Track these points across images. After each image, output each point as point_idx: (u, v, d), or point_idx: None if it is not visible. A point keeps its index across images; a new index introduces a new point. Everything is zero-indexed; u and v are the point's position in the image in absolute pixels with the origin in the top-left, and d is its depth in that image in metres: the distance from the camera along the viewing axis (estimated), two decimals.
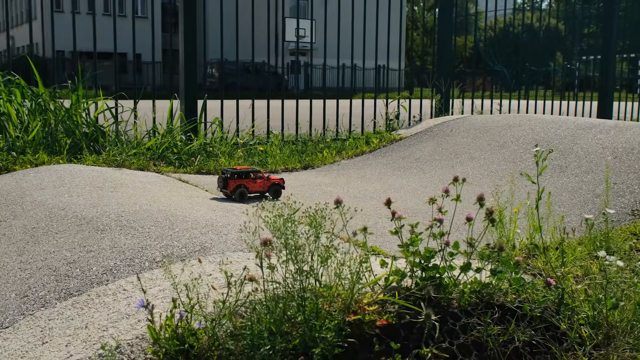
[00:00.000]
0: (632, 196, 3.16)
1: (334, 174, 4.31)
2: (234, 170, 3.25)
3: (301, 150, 5.15)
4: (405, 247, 1.90)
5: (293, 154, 4.98)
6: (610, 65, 7.83)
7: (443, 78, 6.26)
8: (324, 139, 5.48)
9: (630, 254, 2.55)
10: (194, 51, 5.20)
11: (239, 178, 3.25)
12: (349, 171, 4.38)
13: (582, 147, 3.92)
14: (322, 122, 5.87)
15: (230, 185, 3.22)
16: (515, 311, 1.88)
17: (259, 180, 3.31)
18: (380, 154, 4.80)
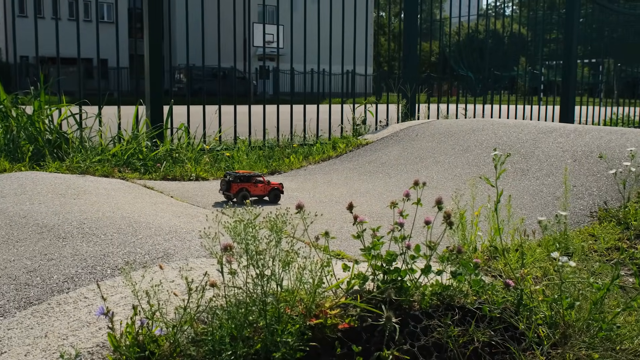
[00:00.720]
0: (590, 198, 3.24)
1: (301, 179, 4.32)
2: (237, 174, 3.37)
3: (268, 156, 5.15)
4: (367, 251, 1.92)
5: (260, 160, 4.99)
6: (572, 70, 8.00)
7: (409, 83, 6.33)
8: (291, 144, 5.49)
9: (588, 255, 2.62)
10: (159, 56, 5.17)
11: (242, 182, 3.37)
12: (315, 176, 4.40)
13: (544, 150, 4.00)
14: (290, 128, 5.88)
15: (234, 188, 3.34)
16: (475, 312, 1.92)
17: (259, 184, 3.43)
18: (346, 158, 4.83)
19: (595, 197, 3.23)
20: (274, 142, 5.64)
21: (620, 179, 3.14)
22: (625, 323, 2.03)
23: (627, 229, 2.84)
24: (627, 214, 2.92)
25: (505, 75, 12.74)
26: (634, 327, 2.00)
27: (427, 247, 1.91)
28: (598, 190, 3.29)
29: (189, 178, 4.30)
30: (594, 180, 3.39)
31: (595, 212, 3.08)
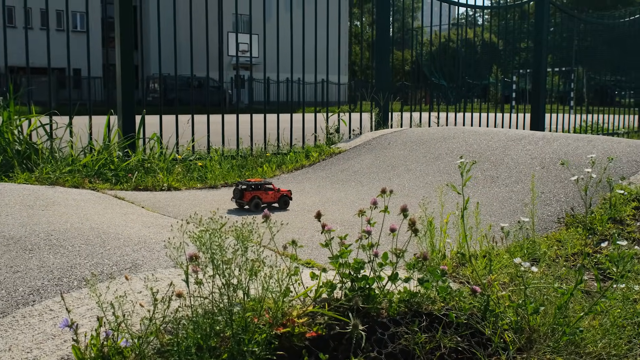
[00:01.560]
0: (558, 204, 3.29)
1: None
2: (249, 183, 3.53)
3: (241, 165, 5.15)
4: (335, 259, 1.94)
5: (233, 169, 4.98)
6: (542, 79, 8.14)
7: (381, 92, 6.38)
8: (264, 154, 5.50)
9: (554, 260, 2.66)
10: (131, 65, 5.15)
11: (254, 190, 3.53)
12: (288, 185, 4.41)
13: (513, 158, 4.06)
14: (264, 137, 5.89)
15: (247, 196, 3.50)
16: (442, 319, 1.94)
17: (270, 192, 3.59)
18: (319, 167, 4.85)
19: (563, 203, 3.29)
20: (248, 152, 5.64)
21: (582, 185, 3.20)
22: (590, 327, 2.07)
23: (592, 234, 2.89)
24: (593, 219, 2.97)
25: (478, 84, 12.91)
26: (598, 331, 2.04)
27: (394, 255, 1.92)
28: (565, 197, 3.34)
29: (161, 188, 4.28)
30: (562, 187, 3.45)
31: (563, 217, 3.13)
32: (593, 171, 2.98)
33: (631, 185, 3.29)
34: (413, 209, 3.34)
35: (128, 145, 4.96)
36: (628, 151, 3.78)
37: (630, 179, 3.43)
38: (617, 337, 2.06)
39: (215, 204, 3.74)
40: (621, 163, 3.63)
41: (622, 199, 3.10)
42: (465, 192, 3.74)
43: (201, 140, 5.83)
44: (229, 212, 3.53)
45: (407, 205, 3.49)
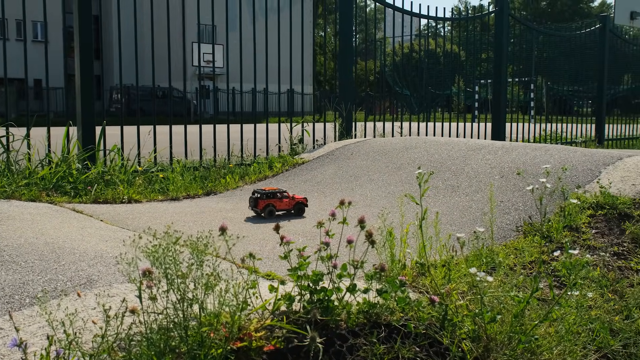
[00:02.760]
0: (516, 213, 3.34)
1: (236, 199, 4.30)
2: (263, 191, 3.63)
3: (204, 176, 5.10)
4: (293, 271, 1.93)
5: (196, 180, 4.93)
6: (502, 89, 8.28)
7: (344, 102, 6.41)
8: (228, 165, 5.46)
9: (512, 268, 2.70)
10: (91, 76, 5.07)
11: (268, 198, 3.63)
12: None
13: (473, 167, 4.11)
14: (227, 147, 5.86)
15: (260, 204, 3.61)
16: (401, 329, 1.95)
17: (285, 199, 3.68)
18: (282, 178, 4.84)
19: (521, 212, 3.34)
20: (211, 163, 5.60)
21: (539, 194, 3.26)
22: (546, 334, 2.10)
23: (549, 242, 2.94)
24: (549, 227, 3.02)
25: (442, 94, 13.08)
26: (554, 338, 2.07)
27: (352, 266, 1.92)
28: (524, 205, 3.40)
29: (121, 201, 4.21)
30: (520, 196, 3.51)
31: (521, 226, 3.18)
32: (548, 181, 3.04)
33: (586, 194, 3.36)
34: (374, 220, 3.36)
35: (88, 157, 4.88)
36: (583, 160, 3.86)
37: (585, 187, 3.50)
38: (572, 343, 2.10)
39: (176, 215, 3.70)
40: (577, 172, 3.71)
41: (577, 207, 3.16)
42: (426, 201, 3.77)
43: (165, 152, 5.77)
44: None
45: (369, 216, 3.50)
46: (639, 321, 2.38)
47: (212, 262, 1.66)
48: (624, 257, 2.87)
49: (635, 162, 3.75)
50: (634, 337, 2.29)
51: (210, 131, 5.80)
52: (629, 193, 3.34)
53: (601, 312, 2.37)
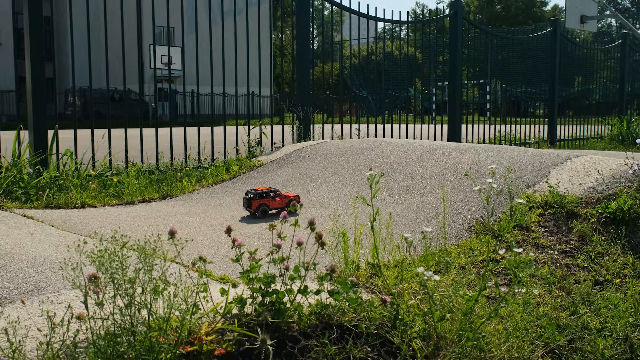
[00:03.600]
0: (469, 213, 3.40)
1: (192, 203, 4.26)
2: (256, 191, 3.73)
3: (160, 180, 5.05)
4: (245, 274, 1.93)
5: (151, 184, 4.88)
6: (457, 91, 8.41)
7: (301, 104, 6.42)
8: (183, 168, 5.42)
9: (464, 267, 2.75)
10: (42, 78, 4.97)
11: (261, 197, 3.73)
12: (207, 199, 4.36)
13: (427, 168, 4.17)
14: (184, 150, 5.81)
15: (254, 204, 3.70)
16: (352, 330, 1.96)
17: (277, 198, 3.77)
18: (240, 181, 4.82)
19: (474, 212, 3.40)
20: (168, 166, 5.54)
21: (492, 194, 3.33)
22: (495, 331, 2.14)
23: (501, 242, 3.01)
24: (501, 227, 3.09)
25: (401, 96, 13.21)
26: (502, 335, 2.12)
27: (303, 268, 1.94)
28: (476, 205, 3.46)
29: (74, 206, 4.13)
30: (473, 196, 3.57)
31: (473, 226, 3.24)
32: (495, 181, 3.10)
33: (536, 193, 3.44)
34: (329, 221, 3.37)
35: (39, 162, 4.77)
36: (534, 160, 3.96)
37: (535, 187, 3.59)
38: (520, 340, 2.15)
39: (131, 220, 3.65)
40: (527, 172, 3.80)
41: (526, 206, 3.24)
42: (381, 202, 3.81)
43: (120, 155, 5.69)
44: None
45: (325, 217, 3.52)
46: (584, 317, 2.45)
47: (161, 266, 1.65)
48: (572, 254, 2.95)
49: (583, 162, 3.86)
50: (580, 332, 2.36)
51: (167, 134, 5.74)
52: (576, 192, 3.44)
53: (549, 309, 2.44)
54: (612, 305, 2.54)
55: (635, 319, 2.52)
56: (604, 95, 13.75)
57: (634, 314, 2.55)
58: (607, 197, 3.38)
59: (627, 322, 2.47)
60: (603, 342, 2.32)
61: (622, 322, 2.45)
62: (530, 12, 54.82)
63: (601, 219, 3.18)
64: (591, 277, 2.77)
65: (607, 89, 13.66)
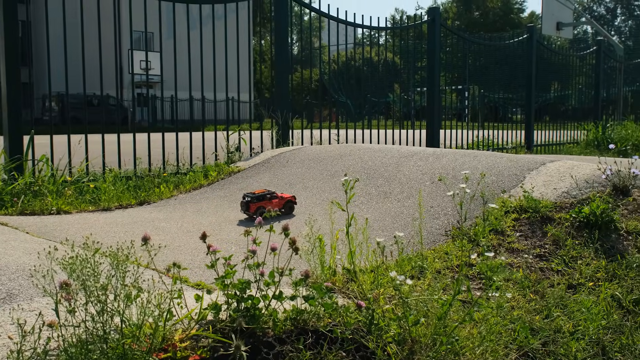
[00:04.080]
0: (446, 218, 3.43)
1: (170, 209, 4.24)
2: (253, 195, 3.82)
3: (138, 186, 5.01)
4: (220, 280, 1.92)
5: (129, 190, 4.84)
6: (435, 97, 8.48)
7: (280, 110, 6.43)
8: (161, 174, 5.39)
9: (440, 272, 2.77)
10: (18, 83, 4.92)
11: (259, 200, 3.80)
12: (185, 205, 4.34)
13: (405, 173, 4.19)
14: (162, 156, 5.78)
15: (252, 207, 3.78)
16: (328, 335, 1.97)
17: (274, 200, 3.84)
18: (218, 186, 4.81)
19: (450, 217, 3.43)
20: (145, 172, 5.50)
21: (466, 199, 3.36)
22: (470, 335, 2.16)
23: (476, 246, 3.03)
24: (477, 231, 3.12)
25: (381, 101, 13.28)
26: (476, 339, 2.14)
27: (278, 274, 1.94)
28: (452, 210, 3.49)
29: (49, 212, 4.09)
30: (449, 201, 3.60)
31: (450, 230, 3.27)
32: (470, 186, 3.14)
33: (511, 198, 3.48)
34: (304, 226, 3.38)
35: (15, 168, 4.72)
36: (509, 165, 4.00)
37: (511, 191, 3.63)
38: (494, 343, 2.17)
39: (107, 226, 3.62)
40: (503, 177, 3.84)
41: (501, 211, 3.27)
42: (359, 208, 3.82)
43: (97, 161, 5.64)
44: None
45: (302, 223, 3.52)
46: (558, 320, 2.48)
47: (135, 272, 1.64)
48: (546, 258, 2.99)
49: (557, 167, 3.91)
50: (553, 335, 2.39)
51: (146, 140, 5.71)
52: (550, 197, 3.48)
53: (523, 312, 2.46)
54: (585, 309, 2.58)
55: (607, 322, 2.56)
56: (579, 100, 13.94)
57: (606, 316, 2.59)
58: (580, 201, 3.43)
59: (600, 325, 2.51)
60: (576, 345, 2.35)
61: (595, 325, 2.49)
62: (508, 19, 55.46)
63: (575, 223, 3.22)
64: (565, 281, 2.80)
65: (582, 95, 13.86)
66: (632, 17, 58.91)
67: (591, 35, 52.56)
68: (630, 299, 2.78)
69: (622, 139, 10.63)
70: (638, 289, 2.86)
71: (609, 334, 2.53)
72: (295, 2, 6.93)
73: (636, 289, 2.86)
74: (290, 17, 6.77)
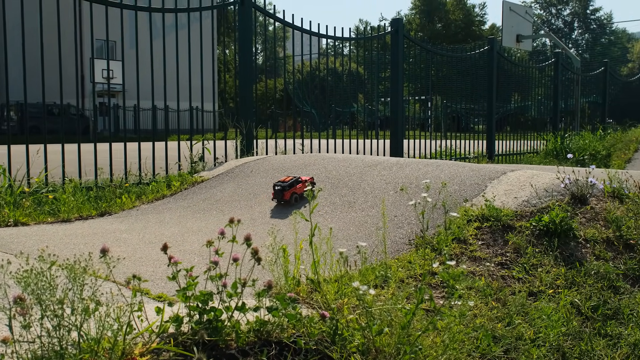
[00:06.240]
0: (409, 227, 3.45)
1: (132, 220, 4.18)
2: (284, 183, 4.08)
3: (99, 196, 4.92)
4: (181, 292, 1.90)
5: (89, 201, 4.75)
6: (399, 107, 8.56)
7: (244, 120, 6.40)
8: (123, 184, 5.30)
9: (404, 281, 2.78)
10: None
11: (291, 187, 4.09)
12: (147, 216, 4.28)
13: (369, 183, 4.21)
14: (124, 166, 5.69)
15: (286, 195, 4.06)
16: (291, 346, 1.95)
17: (299, 184, 4.13)
18: (181, 197, 4.76)
19: (414, 226, 3.45)
20: (107, 182, 5.41)
21: (428, 208, 3.39)
22: (433, 344, 2.17)
23: (439, 255, 3.06)
24: (440, 240, 3.14)
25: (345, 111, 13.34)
26: (440, 347, 2.15)
27: (241, 285, 1.92)
28: (416, 219, 3.51)
29: (6, 224, 3.99)
30: (413, 210, 3.63)
31: (413, 239, 3.28)
32: (432, 195, 3.17)
33: (473, 207, 3.52)
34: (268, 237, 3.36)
35: None
36: (471, 175, 4.05)
37: (473, 200, 3.67)
38: (457, 351, 2.18)
39: (67, 238, 3.55)
40: (465, 186, 3.89)
41: (463, 220, 3.31)
42: (323, 217, 3.82)
43: (57, 172, 5.52)
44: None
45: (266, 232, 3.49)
46: (519, 327, 2.52)
47: (93, 284, 1.60)
48: (507, 266, 3.02)
49: (518, 176, 3.97)
50: (515, 342, 2.41)
51: (107, 150, 5.61)
52: (511, 205, 3.54)
53: (485, 320, 2.49)
54: (546, 316, 2.62)
55: (567, 329, 2.61)
56: (539, 111, 14.24)
57: (566, 323, 2.63)
58: (540, 210, 3.49)
59: (560, 332, 2.55)
60: (537, 351, 2.39)
61: (555, 332, 2.53)
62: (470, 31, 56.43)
63: (535, 231, 3.27)
64: (526, 288, 2.84)
65: (542, 106, 14.16)
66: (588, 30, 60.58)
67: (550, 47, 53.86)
68: (589, 306, 2.83)
69: (579, 149, 10.89)
70: (596, 295, 2.92)
71: (569, 340, 2.57)
72: (259, 11, 6.93)
73: (594, 295, 2.91)
74: (255, 27, 6.76)
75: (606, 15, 60.71)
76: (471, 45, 12.40)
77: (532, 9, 19.11)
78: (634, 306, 2.90)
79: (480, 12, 61.68)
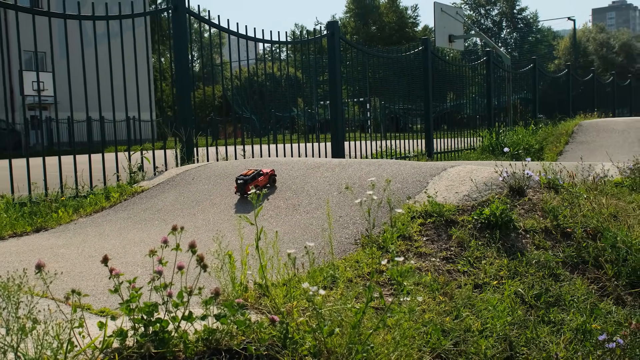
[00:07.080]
0: (355, 227, 3.46)
1: (70, 234, 4.03)
2: (246, 176, 4.17)
3: (34, 212, 4.73)
4: (125, 304, 1.83)
5: (23, 217, 4.56)
6: (338, 109, 8.60)
7: (184, 127, 6.29)
8: (59, 198, 5.12)
9: (352, 281, 2.78)
10: None
11: (252, 180, 4.18)
12: (86, 229, 4.14)
13: (313, 185, 4.20)
14: (59, 180, 5.49)
15: (248, 188, 4.10)
16: (242, 353, 1.92)
17: (260, 177, 4.24)
18: (121, 208, 4.63)
19: (359, 225, 3.46)
20: (42, 197, 5.21)
21: (374, 206, 3.41)
22: (384, 341, 2.18)
23: (386, 252, 3.07)
24: (385, 238, 3.16)
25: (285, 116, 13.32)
26: (391, 344, 2.15)
27: (187, 294, 1.87)
28: (361, 219, 3.52)
29: None
30: (357, 210, 3.64)
31: (359, 239, 3.29)
32: (376, 193, 3.19)
33: (416, 204, 3.56)
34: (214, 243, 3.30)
35: None
36: (413, 172, 4.10)
37: (416, 197, 3.71)
38: (408, 347, 2.19)
39: (0, 257, 3.39)
40: (407, 183, 3.93)
41: (407, 217, 3.34)
42: (268, 221, 3.79)
43: None
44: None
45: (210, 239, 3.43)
46: (467, 320, 2.55)
47: (29, 302, 1.53)
48: (452, 260, 3.07)
49: (457, 171, 4.05)
50: (463, 334, 2.45)
51: (41, 164, 5.40)
52: (453, 200, 3.59)
53: (434, 315, 2.51)
54: (492, 307, 2.67)
55: (512, 318, 2.66)
56: (474, 109, 14.59)
57: (511, 313, 2.69)
58: (481, 203, 3.56)
59: (506, 321, 2.60)
60: (485, 342, 2.42)
61: (501, 322, 2.58)
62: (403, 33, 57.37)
63: (477, 224, 3.34)
64: (471, 281, 2.89)
65: (476, 104, 14.51)
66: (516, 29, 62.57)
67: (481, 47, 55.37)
68: (532, 294, 2.90)
69: (514, 144, 11.21)
70: (538, 284, 3.00)
71: (515, 329, 2.62)
72: (194, 17, 6.83)
73: (537, 284, 2.99)
74: (190, 34, 6.66)
75: (532, 14, 62.79)
76: (406, 47, 12.59)
77: (462, 10, 19.61)
78: (574, 292, 2.99)
79: (413, 14, 62.80)
